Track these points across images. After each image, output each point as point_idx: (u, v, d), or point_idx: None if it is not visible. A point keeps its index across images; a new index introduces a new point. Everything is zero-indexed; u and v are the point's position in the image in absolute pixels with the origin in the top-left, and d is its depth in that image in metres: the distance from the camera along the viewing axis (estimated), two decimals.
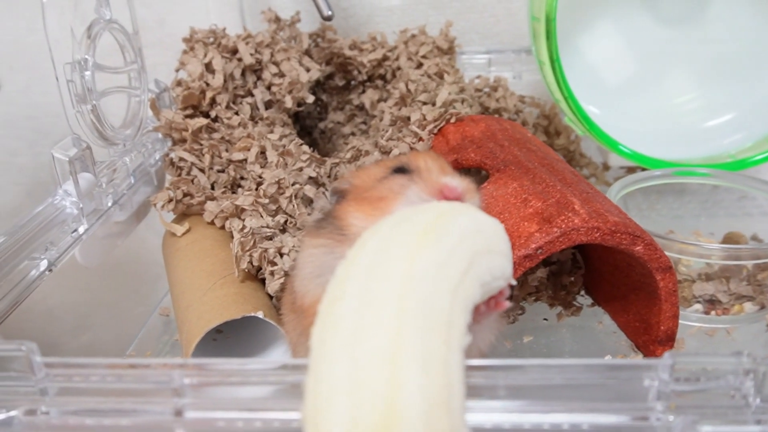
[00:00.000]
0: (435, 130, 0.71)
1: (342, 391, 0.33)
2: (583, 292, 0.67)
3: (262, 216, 0.64)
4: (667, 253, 0.53)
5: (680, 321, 0.59)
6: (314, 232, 0.50)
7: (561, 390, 0.35)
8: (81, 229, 0.62)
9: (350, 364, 0.33)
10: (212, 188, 0.72)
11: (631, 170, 0.91)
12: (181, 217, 0.71)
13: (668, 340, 0.56)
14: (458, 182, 0.47)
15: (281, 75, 0.80)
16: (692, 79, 0.89)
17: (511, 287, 0.44)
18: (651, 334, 0.57)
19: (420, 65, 0.86)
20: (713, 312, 0.63)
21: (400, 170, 0.49)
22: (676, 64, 0.90)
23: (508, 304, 0.44)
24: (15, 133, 1.07)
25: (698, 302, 0.64)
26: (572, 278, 0.66)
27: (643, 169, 0.78)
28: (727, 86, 0.88)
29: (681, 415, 0.33)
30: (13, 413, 0.37)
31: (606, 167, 0.92)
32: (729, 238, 0.72)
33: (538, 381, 0.35)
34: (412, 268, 0.36)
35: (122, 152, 0.71)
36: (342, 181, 0.52)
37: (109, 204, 0.66)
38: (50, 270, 0.56)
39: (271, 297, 0.61)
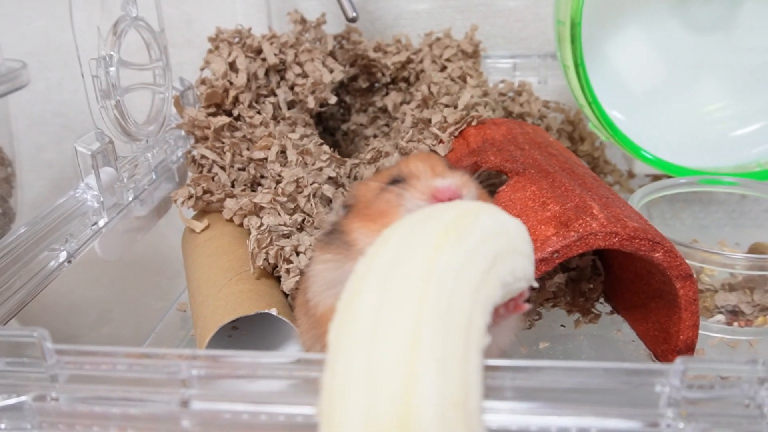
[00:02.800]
0: (456, 133, 0.70)
1: (358, 388, 0.32)
2: (602, 300, 0.66)
3: (279, 214, 0.64)
4: (689, 262, 0.52)
5: (702, 332, 0.58)
6: (324, 247, 0.50)
7: (570, 393, 0.34)
8: (101, 223, 0.62)
9: (367, 361, 0.33)
10: (232, 186, 0.72)
11: (656, 178, 0.89)
12: (201, 213, 0.71)
13: (687, 350, 0.54)
14: (450, 180, 0.46)
15: (304, 75, 0.80)
16: (722, 88, 0.88)
17: (532, 289, 0.44)
18: (670, 344, 0.55)
19: (444, 68, 0.86)
20: (736, 323, 0.62)
21: (395, 181, 0.49)
22: (705, 72, 0.88)
23: (527, 306, 0.44)
24: (43, 129, 1.09)
25: (721, 313, 0.62)
26: (591, 285, 0.65)
27: (669, 177, 0.76)
28: (757, 95, 0.86)
29: (692, 423, 0.32)
30: (23, 398, 0.38)
31: (631, 175, 0.91)
32: (755, 249, 0.71)
33: (547, 383, 0.34)
34: (433, 266, 0.36)
35: (145, 148, 0.72)
36: (349, 196, 0.53)
37: (130, 199, 0.67)
38: (69, 261, 0.57)
39: (286, 295, 0.61)
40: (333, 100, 0.81)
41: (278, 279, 0.62)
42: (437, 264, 0.36)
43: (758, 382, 0.33)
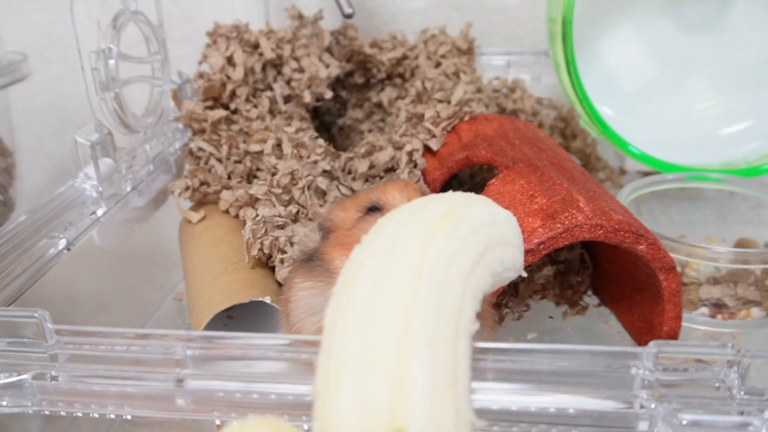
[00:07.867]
0: (448, 128, 0.71)
1: (352, 370, 0.34)
2: (590, 292, 0.67)
3: (274, 205, 0.66)
4: (675, 256, 0.54)
5: (686, 324, 0.59)
6: (304, 274, 0.51)
7: (548, 375, 0.36)
8: (99, 212, 0.64)
9: (362, 343, 0.34)
10: (229, 178, 0.73)
11: (648, 175, 0.91)
12: (198, 205, 0.73)
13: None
14: None
15: (301, 70, 0.82)
16: (711, 87, 0.89)
17: (521, 280, 0.45)
18: (654, 335, 0.57)
19: (438, 65, 0.87)
20: (719, 316, 0.63)
21: (373, 209, 0.50)
22: (696, 71, 0.89)
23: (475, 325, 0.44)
24: (43, 121, 1.10)
25: (704, 306, 0.64)
26: (579, 278, 0.67)
27: (658, 173, 0.78)
28: (747, 94, 0.87)
29: (664, 404, 0.34)
30: (24, 376, 0.39)
31: (622, 172, 0.92)
32: (740, 244, 0.72)
33: (527, 365, 0.36)
34: (426, 254, 0.37)
35: (143, 140, 0.73)
36: (325, 218, 0.53)
37: (128, 189, 0.69)
38: (68, 249, 0.58)
39: (279, 284, 0.62)
40: (329, 94, 0.82)
41: (272, 269, 0.63)
42: (430, 252, 0.37)
43: (728, 365, 0.34)
